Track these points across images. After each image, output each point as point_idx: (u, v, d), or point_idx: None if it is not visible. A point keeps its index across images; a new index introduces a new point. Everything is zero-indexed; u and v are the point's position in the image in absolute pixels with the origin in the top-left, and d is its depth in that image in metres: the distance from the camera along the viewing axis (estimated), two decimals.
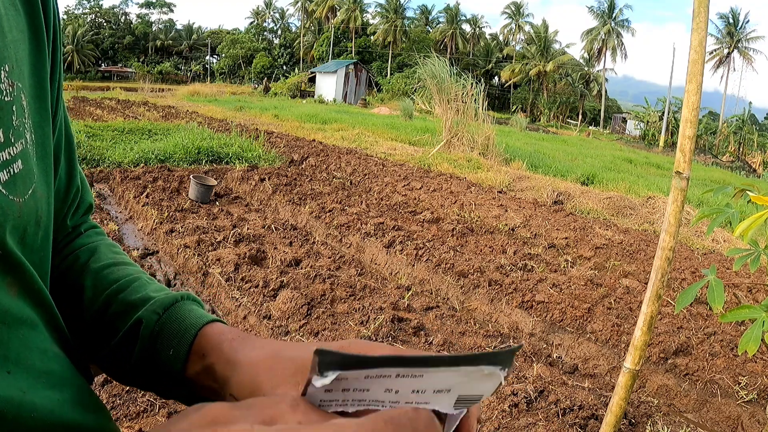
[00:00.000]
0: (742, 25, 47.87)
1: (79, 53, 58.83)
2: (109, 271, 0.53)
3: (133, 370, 0.47)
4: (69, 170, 0.53)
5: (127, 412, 2.28)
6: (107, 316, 0.49)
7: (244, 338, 0.43)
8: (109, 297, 0.50)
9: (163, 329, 0.46)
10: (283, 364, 0.39)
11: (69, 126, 0.53)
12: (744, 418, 2.85)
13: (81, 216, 0.58)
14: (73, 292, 0.51)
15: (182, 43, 69.77)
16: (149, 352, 0.46)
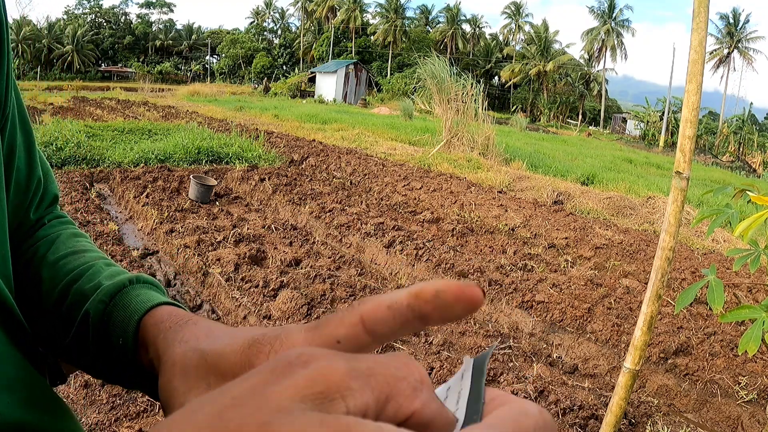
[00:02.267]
0: (742, 25, 47.88)
1: (79, 53, 58.83)
2: (66, 261, 0.51)
3: (94, 365, 0.45)
4: (29, 161, 0.52)
5: (127, 412, 2.28)
6: (64, 308, 0.47)
7: (176, 329, 0.38)
8: (64, 288, 0.48)
9: (110, 319, 0.43)
10: (196, 363, 0.32)
11: (25, 116, 0.52)
12: (744, 418, 2.85)
13: (45, 208, 0.57)
14: (32, 285, 0.50)
15: (182, 43, 69.76)
16: (102, 344, 0.43)
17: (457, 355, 3.16)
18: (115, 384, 0.46)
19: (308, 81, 44.29)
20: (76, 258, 0.51)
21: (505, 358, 3.25)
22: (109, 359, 0.43)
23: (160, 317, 0.41)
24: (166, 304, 0.43)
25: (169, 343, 0.36)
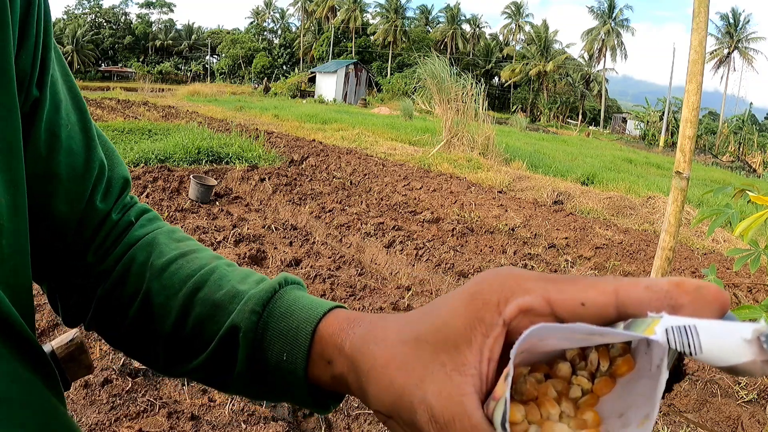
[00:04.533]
0: (743, 25, 47.87)
1: (79, 53, 58.83)
2: (178, 265, 0.44)
3: (240, 381, 0.40)
4: (86, 143, 0.46)
5: (127, 412, 2.28)
6: (190, 323, 0.41)
7: (364, 331, 0.35)
8: (186, 300, 0.42)
9: (266, 331, 0.39)
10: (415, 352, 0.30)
11: (77, 95, 0.47)
12: (744, 418, 2.85)
13: (117, 197, 0.49)
14: (137, 300, 0.44)
15: (182, 43, 69.77)
16: (255, 360, 0.39)
17: None
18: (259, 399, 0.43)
19: (308, 81, 44.29)
20: (190, 261, 0.45)
21: None
22: (262, 374, 0.39)
23: (339, 325, 0.37)
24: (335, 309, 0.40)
25: (364, 352, 0.34)
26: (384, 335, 0.33)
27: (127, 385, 2.44)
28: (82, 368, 0.62)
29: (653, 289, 0.25)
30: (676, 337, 0.22)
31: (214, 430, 2.23)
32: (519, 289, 0.27)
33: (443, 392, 0.27)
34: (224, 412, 2.33)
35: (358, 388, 0.34)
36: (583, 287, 0.26)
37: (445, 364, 0.28)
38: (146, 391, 2.43)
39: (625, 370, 0.27)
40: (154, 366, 0.45)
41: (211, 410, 2.35)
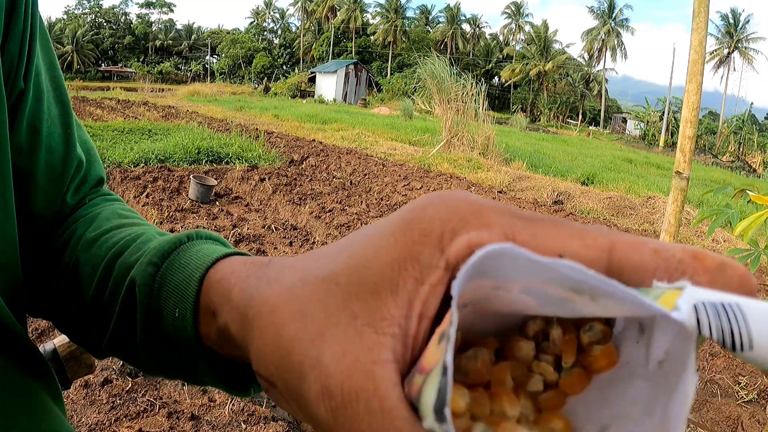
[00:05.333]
0: (743, 25, 47.90)
1: (79, 53, 58.85)
2: (110, 235, 0.40)
3: (145, 350, 0.34)
4: (65, 139, 0.43)
5: (127, 412, 2.28)
6: (107, 291, 0.36)
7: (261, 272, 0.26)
8: (107, 266, 0.37)
9: (163, 285, 0.32)
10: (319, 296, 0.22)
11: (60, 88, 0.44)
12: (744, 418, 2.85)
13: (89, 190, 0.47)
14: (70, 272, 0.39)
15: (182, 43, 69.79)
16: (153, 320, 0.32)
17: None
18: (177, 378, 0.36)
19: (308, 81, 44.30)
20: (121, 231, 0.40)
21: None
22: (159, 338, 0.32)
23: (231, 269, 0.29)
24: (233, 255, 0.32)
25: (253, 294, 0.25)
26: (281, 273, 0.24)
27: (127, 385, 2.44)
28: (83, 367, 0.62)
29: (663, 254, 0.18)
30: (712, 319, 0.15)
31: (214, 430, 2.23)
32: (474, 220, 0.19)
33: (348, 355, 0.19)
34: (224, 412, 2.33)
35: (243, 345, 0.25)
36: (566, 234, 0.19)
37: (356, 315, 0.20)
38: (146, 391, 2.43)
39: (603, 365, 0.19)
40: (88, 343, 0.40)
41: (211, 410, 2.35)
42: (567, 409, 0.20)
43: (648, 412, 0.18)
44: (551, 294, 0.18)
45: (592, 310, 0.18)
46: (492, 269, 0.17)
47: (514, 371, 0.20)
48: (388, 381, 0.19)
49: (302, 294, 0.22)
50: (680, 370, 0.16)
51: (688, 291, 0.16)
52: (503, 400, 0.18)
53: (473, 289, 0.18)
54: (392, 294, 0.20)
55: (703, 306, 0.15)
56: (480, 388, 0.19)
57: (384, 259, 0.20)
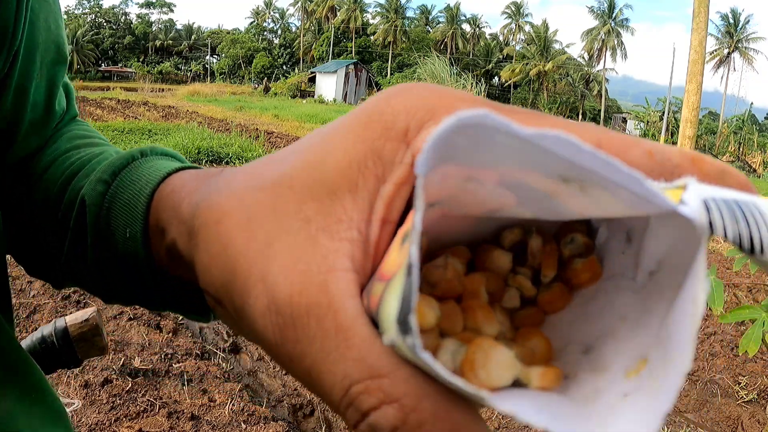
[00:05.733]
0: (743, 25, 47.93)
1: (79, 53, 58.86)
2: (66, 157, 0.36)
3: (98, 274, 0.31)
4: (49, 90, 0.38)
5: (127, 412, 2.28)
6: (60, 213, 0.33)
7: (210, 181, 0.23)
8: (61, 188, 0.34)
9: (114, 204, 0.29)
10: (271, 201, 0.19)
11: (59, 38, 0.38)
12: (744, 418, 2.85)
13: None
14: (27, 202, 0.36)
15: (182, 43, 69.80)
16: (104, 242, 0.30)
17: None
18: (135, 304, 0.33)
19: (308, 81, 44.30)
20: (78, 152, 0.36)
21: None
22: (116, 265, 0.30)
23: (182, 182, 0.27)
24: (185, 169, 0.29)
25: (201, 202, 0.22)
26: (230, 180, 0.21)
27: (127, 385, 2.44)
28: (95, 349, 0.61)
29: (657, 157, 0.16)
30: (726, 217, 0.13)
31: (214, 430, 2.23)
32: (444, 112, 0.17)
33: (299, 265, 0.17)
34: (224, 412, 2.33)
35: (191, 262, 0.22)
36: (550, 126, 0.17)
37: (310, 220, 0.17)
38: (146, 391, 2.43)
39: (586, 279, 0.17)
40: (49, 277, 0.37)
41: (211, 410, 2.35)
42: (547, 328, 0.18)
43: (637, 328, 0.16)
44: (533, 187, 0.15)
45: (578, 207, 0.15)
46: (463, 151, 0.14)
47: (489, 284, 0.17)
48: (344, 293, 0.16)
49: (251, 200, 0.19)
50: (682, 278, 0.14)
51: (694, 187, 0.14)
52: (478, 315, 0.16)
53: (441, 179, 0.15)
54: (351, 194, 0.17)
55: (714, 203, 0.13)
56: (451, 301, 0.16)
57: (342, 156, 0.18)
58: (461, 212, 0.17)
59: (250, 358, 3.00)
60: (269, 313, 0.17)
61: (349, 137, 0.18)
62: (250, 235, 0.18)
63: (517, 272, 0.18)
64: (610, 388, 0.15)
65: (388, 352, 0.15)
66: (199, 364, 2.72)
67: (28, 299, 3.15)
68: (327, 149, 0.18)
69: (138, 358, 2.67)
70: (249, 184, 0.20)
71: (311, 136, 0.20)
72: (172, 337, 2.96)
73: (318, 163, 0.18)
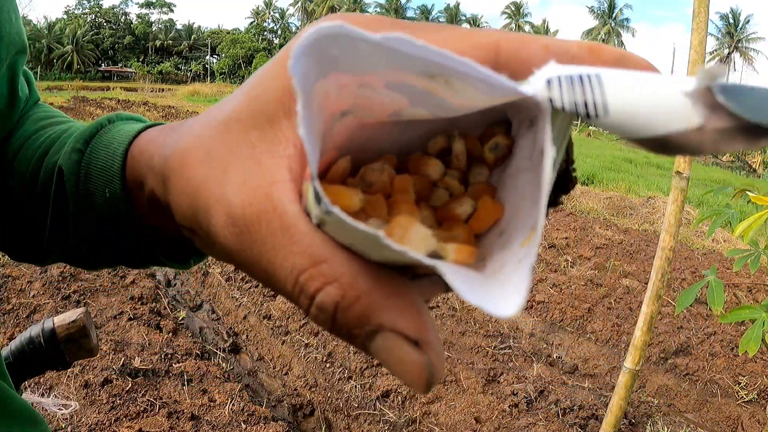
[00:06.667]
0: (743, 25, 47.94)
1: (79, 53, 58.87)
2: (36, 136, 0.38)
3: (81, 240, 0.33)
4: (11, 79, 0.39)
5: (127, 412, 2.28)
6: (38, 191, 0.34)
7: (174, 131, 0.26)
8: (35, 166, 0.35)
9: (90, 169, 0.31)
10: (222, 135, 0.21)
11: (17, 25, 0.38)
12: (744, 418, 2.85)
13: None
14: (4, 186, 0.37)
15: (182, 43, 69.81)
16: (85, 207, 0.31)
17: (457, 354, 3.16)
18: (119, 264, 0.35)
19: None
20: (47, 131, 0.38)
21: (505, 358, 3.25)
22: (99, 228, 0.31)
23: (150, 137, 0.29)
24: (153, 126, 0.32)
25: (168, 150, 0.25)
26: (190, 126, 0.24)
27: (127, 385, 2.44)
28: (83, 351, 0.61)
29: (554, 49, 0.17)
30: (565, 90, 0.14)
31: (214, 430, 2.23)
32: None
33: (248, 182, 0.20)
34: (224, 412, 2.33)
35: (167, 205, 0.25)
36: (453, 36, 0.18)
37: (254, 145, 0.20)
38: (146, 391, 2.43)
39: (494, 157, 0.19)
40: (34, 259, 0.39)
41: (211, 410, 2.35)
42: None
43: (533, 204, 0.17)
44: (414, 86, 0.16)
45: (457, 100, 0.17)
46: (343, 60, 0.16)
47: (418, 186, 0.19)
48: (285, 199, 0.19)
49: (207, 138, 0.22)
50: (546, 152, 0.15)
51: (546, 67, 0.15)
52: (402, 206, 0.18)
53: (338, 88, 0.17)
54: (286, 117, 0.20)
55: (557, 79, 0.14)
56: (379, 194, 0.18)
57: (276, 86, 0.20)
58: (373, 118, 0.19)
59: (250, 358, 3.00)
60: (227, 226, 0.20)
61: (279, 69, 0.21)
62: (208, 167, 0.21)
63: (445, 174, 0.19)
64: (511, 258, 0.16)
65: (326, 241, 0.18)
66: (199, 364, 2.72)
67: (28, 299, 3.15)
68: (264, 83, 0.21)
69: (138, 358, 2.67)
70: (204, 125, 0.23)
71: (254, 75, 0.22)
72: (172, 337, 2.96)
73: (257, 96, 0.21)
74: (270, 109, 0.20)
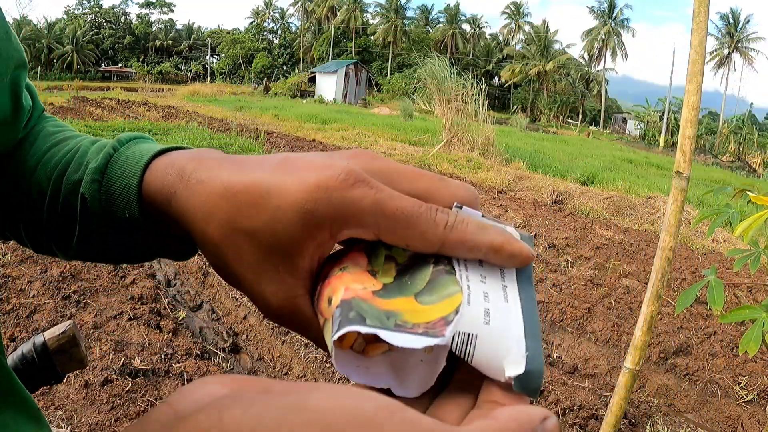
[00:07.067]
0: (743, 25, 47.88)
1: (79, 53, 58.84)
2: (51, 154, 0.44)
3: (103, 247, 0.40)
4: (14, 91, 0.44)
5: (127, 412, 2.28)
6: (60, 206, 0.41)
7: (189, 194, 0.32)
8: (55, 185, 0.42)
9: (109, 195, 0.37)
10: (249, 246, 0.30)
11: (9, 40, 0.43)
12: (744, 418, 2.85)
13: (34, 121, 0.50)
14: (24, 197, 0.44)
15: (182, 43, 69.77)
16: (107, 223, 0.38)
17: None
18: (137, 262, 0.43)
19: (308, 81, 44.29)
20: (60, 149, 0.45)
21: None
22: (120, 238, 0.39)
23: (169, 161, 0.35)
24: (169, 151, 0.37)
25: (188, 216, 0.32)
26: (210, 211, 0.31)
27: (127, 385, 2.44)
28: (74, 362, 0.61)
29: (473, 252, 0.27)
30: (458, 342, 0.24)
31: None
32: (354, 221, 0.28)
33: (279, 293, 0.30)
34: None
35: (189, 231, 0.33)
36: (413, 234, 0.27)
37: (278, 266, 0.29)
38: (146, 391, 2.43)
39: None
40: (56, 253, 0.46)
41: None
42: None
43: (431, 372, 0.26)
44: None
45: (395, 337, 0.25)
46: None
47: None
48: (305, 306, 0.30)
49: (235, 242, 0.30)
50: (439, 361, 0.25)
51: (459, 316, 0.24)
52: None
53: None
54: (300, 256, 0.29)
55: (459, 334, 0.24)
56: None
57: (293, 233, 0.28)
58: None
59: (250, 358, 3.00)
60: (270, 314, 0.31)
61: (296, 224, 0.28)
62: (242, 267, 0.30)
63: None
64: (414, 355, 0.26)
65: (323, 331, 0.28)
66: (199, 364, 2.72)
67: (28, 299, 3.14)
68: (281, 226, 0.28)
69: (138, 358, 2.67)
70: (231, 227, 0.30)
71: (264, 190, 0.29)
72: (172, 337, 2.96)
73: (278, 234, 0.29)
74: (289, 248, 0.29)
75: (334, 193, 0.27)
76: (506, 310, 0.25)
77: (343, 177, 0.27)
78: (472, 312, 0.24)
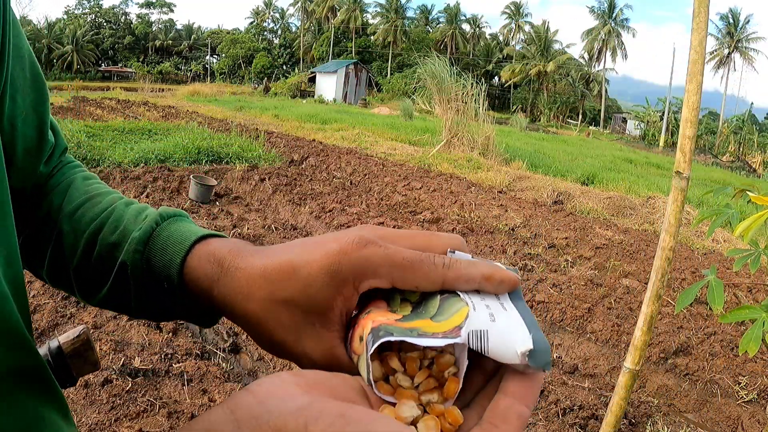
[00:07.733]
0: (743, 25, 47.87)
1: (79, 53, 58.83)
2: (84, 209, 0.49)
3: (139, 309, 0.45)
4: (39, 123, 0.48)
5: (127, 412, 2.28)
6: (93, 260, 0.46)
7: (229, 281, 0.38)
8: (89, 240, 0.46)
9: (149, 264, 0.43)
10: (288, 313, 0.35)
11: (37, 76, 0.47)
12: (744, 418, 2.85)
13: (57, 159, 0.54)
14: (54, 240, 0.48)
15: (182, 43, 69.76)
16: (145, 289, 0.43)
17: None
18: (161, 320, 0.47)
19: (308, 81, 44.28)
20: (94, 204, 0.50)
21: None
22: (154, 302, 0.44)
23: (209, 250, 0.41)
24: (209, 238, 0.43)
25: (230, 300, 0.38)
26: (250, 291, 0.37)
27: (127, 385, 2.44)
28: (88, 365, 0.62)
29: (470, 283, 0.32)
30: (473, 339, 0.29)
31: None
32: (371, 273, 0.33)
33: (318, 347, 0.35)
34: None
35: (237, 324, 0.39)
36: (420, 276, 0.33)
37: (314, 323, 0.35)
38: (146, 391, 2.43)
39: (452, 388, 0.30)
40: (75, 294, 0.50)
41: None
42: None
43: None
44: None
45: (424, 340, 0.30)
46: None
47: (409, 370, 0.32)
48: (342, 356, 0.35)
49: (277, 311, 0.35)
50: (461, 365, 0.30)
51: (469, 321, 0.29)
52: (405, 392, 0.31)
53: None
54: (331, 311, 0.35)
55: (471, 332, 0.29)
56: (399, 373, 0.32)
57: (324, 295, 0.34)
58: None
59: (250, 359, 3.00)
60: (309, 365, 0.35)
61: (324, 284, 0.34)
62: (285, 332, 0.36)
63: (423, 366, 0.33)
64: None
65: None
66: (199, 364, 2.72)
67: (28, 299, 3.15)
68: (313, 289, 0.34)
69: (138, 358, 2.67)
70: (270, 299, 0.36)
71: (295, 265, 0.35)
72: (172, 337, 2.96)
73: (310, 297, 0.34)
74: (321, 307, 0.34)
75: (352, 254, 0.34)
76: (507, 314, 0.30)
77: (357, 241, 0.34)
78: (479, 316, 0.30)
